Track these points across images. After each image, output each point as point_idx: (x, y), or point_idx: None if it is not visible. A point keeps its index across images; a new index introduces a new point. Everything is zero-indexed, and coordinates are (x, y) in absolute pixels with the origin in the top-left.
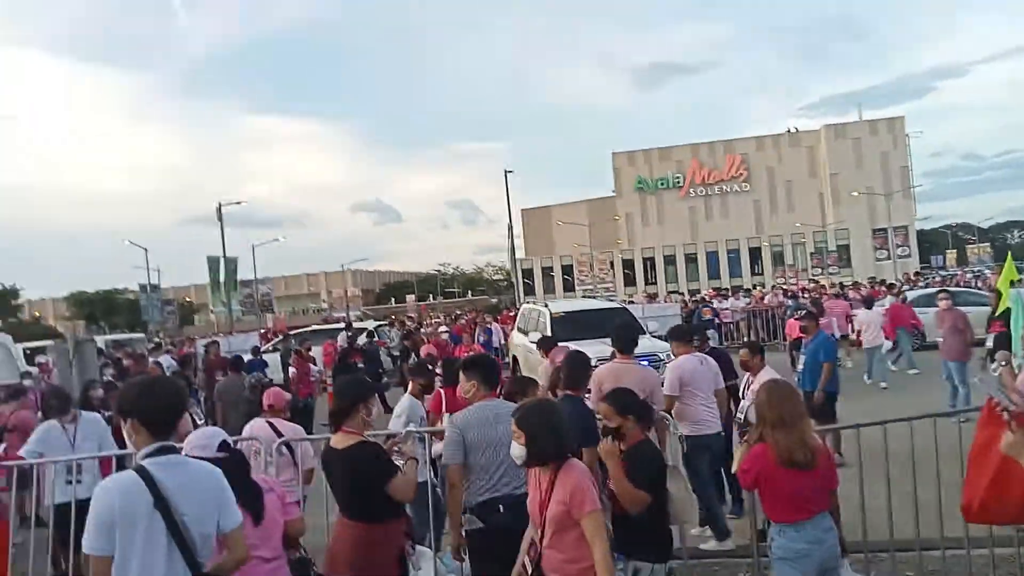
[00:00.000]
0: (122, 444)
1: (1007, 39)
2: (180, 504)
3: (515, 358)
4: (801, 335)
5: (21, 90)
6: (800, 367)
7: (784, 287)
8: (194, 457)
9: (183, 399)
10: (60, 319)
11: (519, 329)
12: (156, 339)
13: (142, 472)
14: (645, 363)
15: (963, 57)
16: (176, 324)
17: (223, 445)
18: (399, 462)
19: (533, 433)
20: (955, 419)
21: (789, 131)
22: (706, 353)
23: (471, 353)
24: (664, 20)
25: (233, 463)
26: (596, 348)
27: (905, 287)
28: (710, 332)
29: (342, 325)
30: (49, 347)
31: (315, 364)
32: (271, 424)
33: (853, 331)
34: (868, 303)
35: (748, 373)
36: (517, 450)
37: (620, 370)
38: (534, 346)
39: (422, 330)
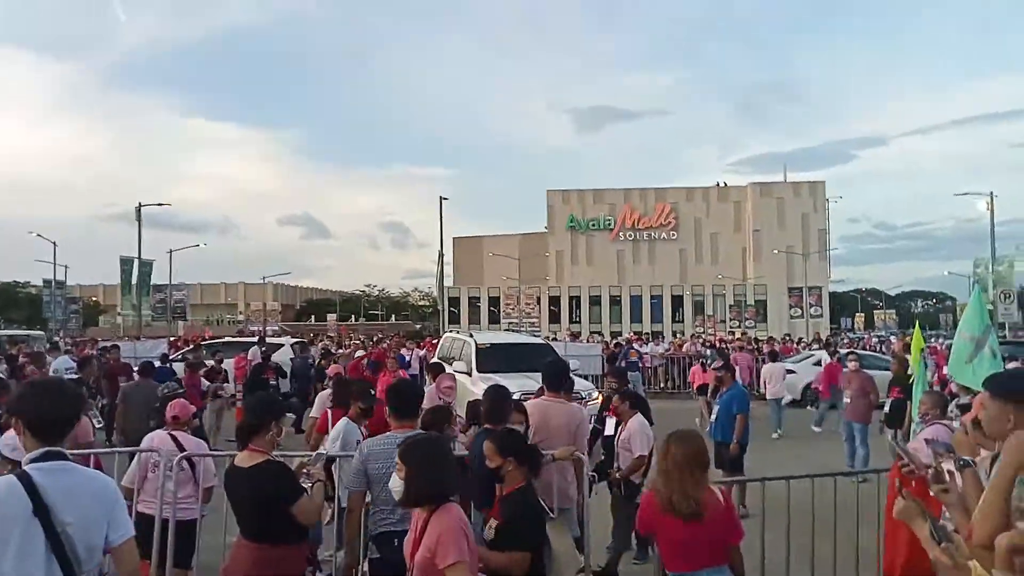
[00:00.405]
0: None
1: (928, 116)
2: (63, 512)
3: None
4: (704, 382)
5: None
6: (712, 417)
7: (703, 336)
8: None
9: (78, 404)
10: None
11: (440, 358)
12: (56, 339)
13: (23, 477)
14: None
15: (886, 129)
16: (79, 324)
17: None
18: (306, 484)
19: (414, 470)
20: (854, 478)
21: (719, 185)
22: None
23: (394, 379)
24: (610, 65)
25: None
26: (519, 382)
27: (814, 346)
28: (633, 375)
29: (255, 339)
30: None
31: (227, 379)
32: (174, 437)
33: (759, 383)
34: (773, 356)
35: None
36: (396, 484)
37: (547, 407)
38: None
39: (339, 351)
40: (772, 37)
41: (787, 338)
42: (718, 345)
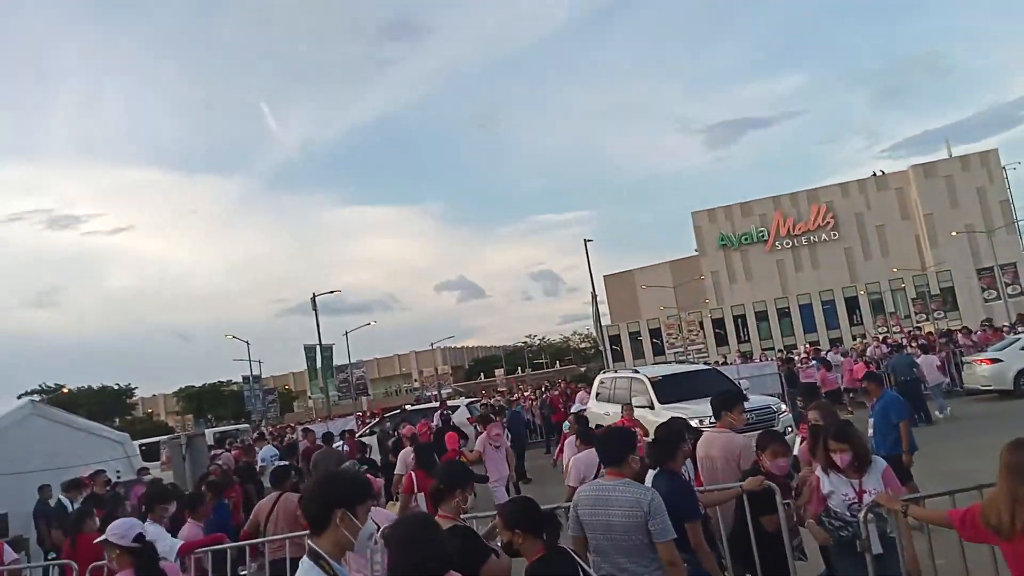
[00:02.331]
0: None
1: None
2: None
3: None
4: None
5: (137, 203)
6: (870, 430)
7: (887, 336)
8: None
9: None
10: (171, 414)
11: (598, 398)
12: (261, 429)
13: None
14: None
15: None
16: (277, 412)
17: (138, 537)
18: (495, 545)
19: (394, 552)
20: None
21: (875, 174)
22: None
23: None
24: (734, 75)
25: (143, 552)
26: (703, 407)
27: (1019, 328)
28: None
29: (434, 404)
30: (162, 442)
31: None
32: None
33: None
34: (924, 349)
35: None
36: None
37: (708, 439)
38: (619, 414)
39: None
40: (898, 10)
41: (987, 324)
42: (907, 344)
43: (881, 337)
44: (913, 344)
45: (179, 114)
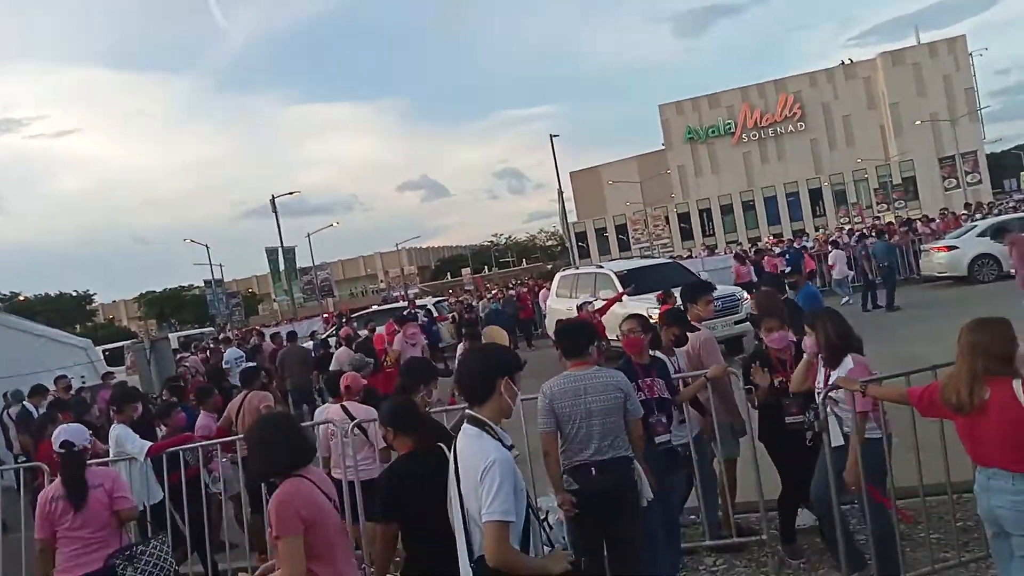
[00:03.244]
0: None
1: None
2: None
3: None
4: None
5: (82, 105)
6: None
7: (848, 227)
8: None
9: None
10: (133, 319)
11: (558, 295)
12: (225, 333)
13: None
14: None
15: None
16: (242, 315)
17: (64, 443)
18: None
19: (250, 449)
20: None
21: (843, 63)
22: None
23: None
24: None
25: (70, 458)
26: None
27: (977, 216)
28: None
29: (401, 304)
30: (126, 347)
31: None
32: (344, 408)
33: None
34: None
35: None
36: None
37: None
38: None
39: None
40: None
41: (945, 212)
42: (868, 234)
43: (846, 228)
44: (873, 234)
45: (123, 10)
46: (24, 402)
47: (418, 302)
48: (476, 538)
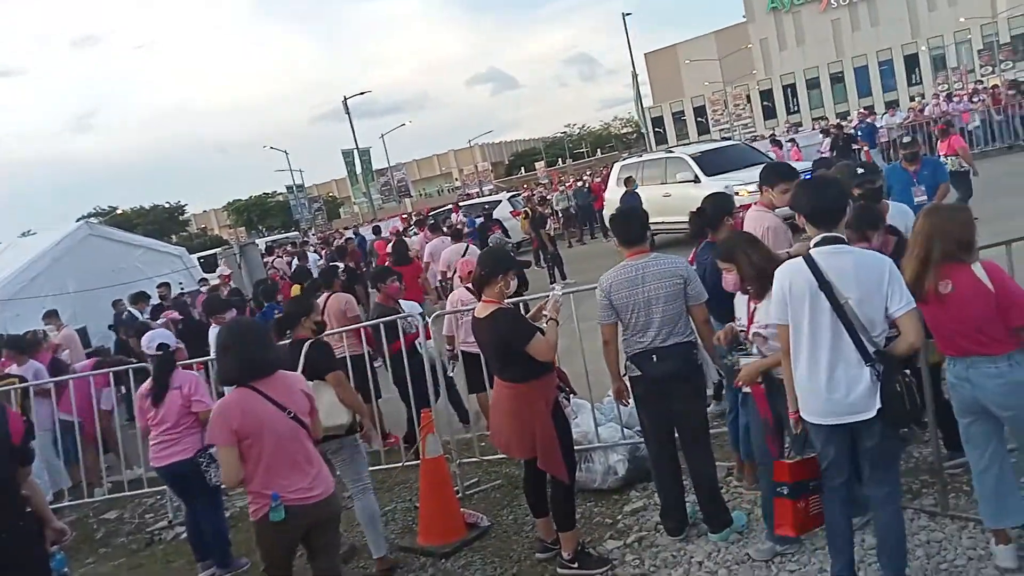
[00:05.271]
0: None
1: None
2: (843, 288)
3: None
4: None
5: (153, 18)
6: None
7: (947, 92)
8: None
9: (845, 199)
10: (223, 227)
11: (621, 184)
12: (306, 237)
13: (808, 259)
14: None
15: None
16: (325, 219)
17: (160, 346)
18: (541, 324)
19: (217, 353)
20: None
21: None
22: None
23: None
24: None
25: (163, 360)
26: (751, 173)
27: None
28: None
29: (487, 199)
30: (218, 254)
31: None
32: (470, 289)
33: None
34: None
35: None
36: None
37: (747, 215)
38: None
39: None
40: None
41: None
42: (970, 100)
43: (944, 94)
44: (975, 100)
45: None
46: (130, 308)
47: (492, 197)
48: None
